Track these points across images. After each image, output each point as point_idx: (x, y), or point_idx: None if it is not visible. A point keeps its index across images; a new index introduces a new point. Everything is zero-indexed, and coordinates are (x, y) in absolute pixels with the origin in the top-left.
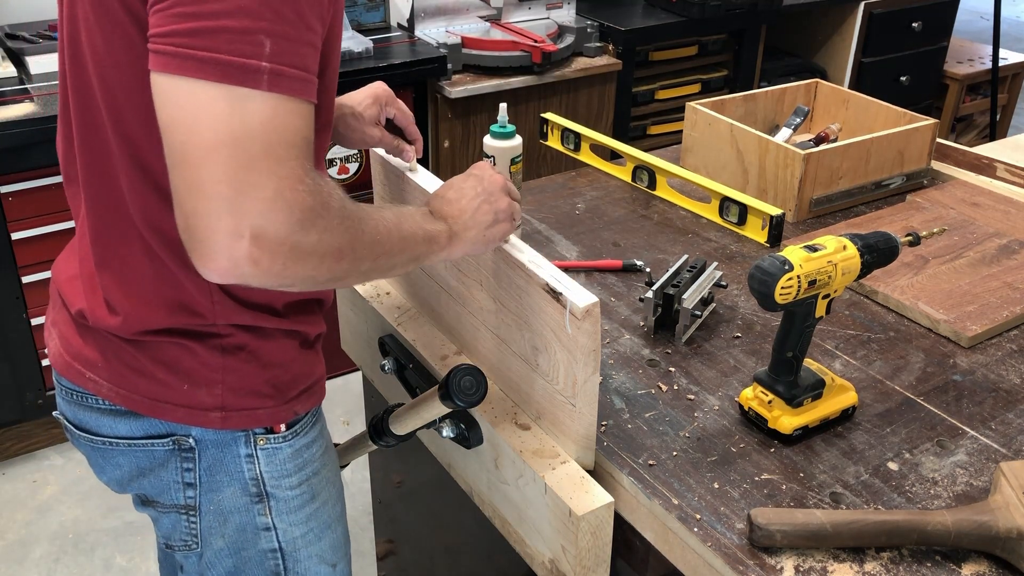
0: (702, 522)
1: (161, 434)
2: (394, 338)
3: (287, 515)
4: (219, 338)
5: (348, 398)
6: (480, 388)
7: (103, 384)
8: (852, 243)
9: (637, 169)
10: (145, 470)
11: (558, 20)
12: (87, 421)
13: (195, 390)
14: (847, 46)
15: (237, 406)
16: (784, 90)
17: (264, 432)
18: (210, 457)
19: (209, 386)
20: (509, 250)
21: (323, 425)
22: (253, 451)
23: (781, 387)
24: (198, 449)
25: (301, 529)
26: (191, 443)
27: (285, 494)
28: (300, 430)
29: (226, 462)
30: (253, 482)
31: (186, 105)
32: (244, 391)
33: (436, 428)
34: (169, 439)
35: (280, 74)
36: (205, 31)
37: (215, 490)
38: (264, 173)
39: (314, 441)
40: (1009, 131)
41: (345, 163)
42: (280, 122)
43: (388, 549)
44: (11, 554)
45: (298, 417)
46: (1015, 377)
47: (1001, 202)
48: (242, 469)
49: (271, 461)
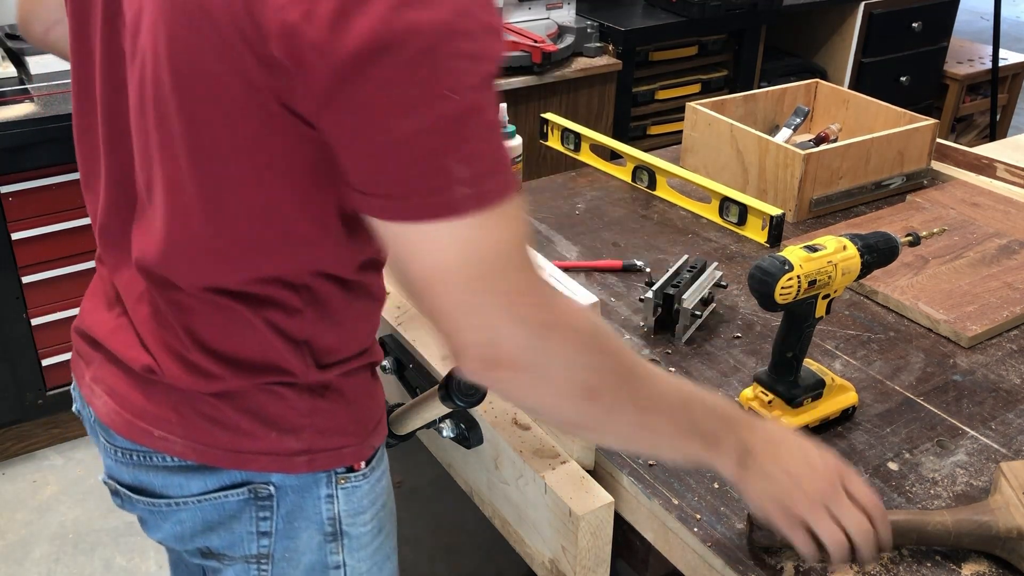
0: (702, 522)
1: (236, 483)
2: (394, 338)
3: (357, 551)
4: (308, 379)
5: None
6: (480, 388)
7: (177, 441)
8: (852, 243)
9: (637, 169)
10: (214, 524)
11: (558, 20)
12: (152, 483)
13: (283, 437)
14: (847, 46)
15: (323, 447)
16: (784, 90)
17: (345, 471)
18: (289, 503)
19: (297, 431)
20: None
21: (385, 452)
22: (334, 491)
23: (781, 387)
24: (277, 496)
25: (367, 564)
26: (270, 490)
27: (358, 531)
28: (376, 464)
29: (305, 506)
30: (330, 522)
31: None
32: (331, 431)
33: (436, 428)
34: (244, 488)
35: (510, 185)
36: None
37: (291, 536)
38: (499, 295)
39: (384, 473)
40: (1009, 131)
41: None
42: (511, 232)
43: None
44: (11, 554)
45: (375, 451)
46: (1015, 377)
47: (1001, 202)
48: (320, 511)
49: (350, 499)
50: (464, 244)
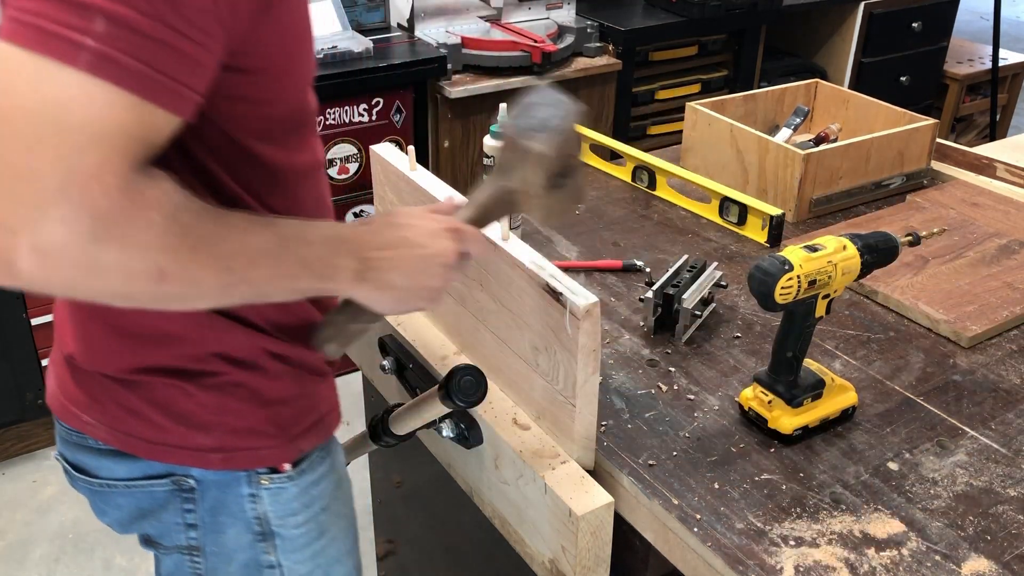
0: (702, 522)
1: (160, 474)
2: (394, 338)
3: (293, 553)
4: (214, 376)
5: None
6: (480, 388)
7: (100, 427)
8: (852, 243)
9: (637, 169)
10: (146, 511)
11: (558, 20)
12: (85, 463)
13: (192, 432)
14: (847, 46)
15: (237, 447)
16: (784, 90)
17: (268, 472)
18: (212, 498)
19: (207, 428)
20: (509, 250)
21: (335, 459)
22: (256, 491)
23: (781, 387)
24: (199, 489)
25: (307, 566)
26: (191, 483)
27: (291, 532)
28: (308, 468)
29: (228, 503)
30: (257, 521)
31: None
32: (244, 431)
33: (436, 428)
34: (168, 479)
35: (106, 58)
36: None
37: (218, 531)
38: (51, 160)
39: (324, 477)
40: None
41: (345, 163)
42: (91, 110)
43: (388, 549)
44: (11, 554)
45: (305, 454)
46: (1015, 377)
47: (1001, 202)
48: (244, 509)
49: (276, 500)
50: (60, 96)
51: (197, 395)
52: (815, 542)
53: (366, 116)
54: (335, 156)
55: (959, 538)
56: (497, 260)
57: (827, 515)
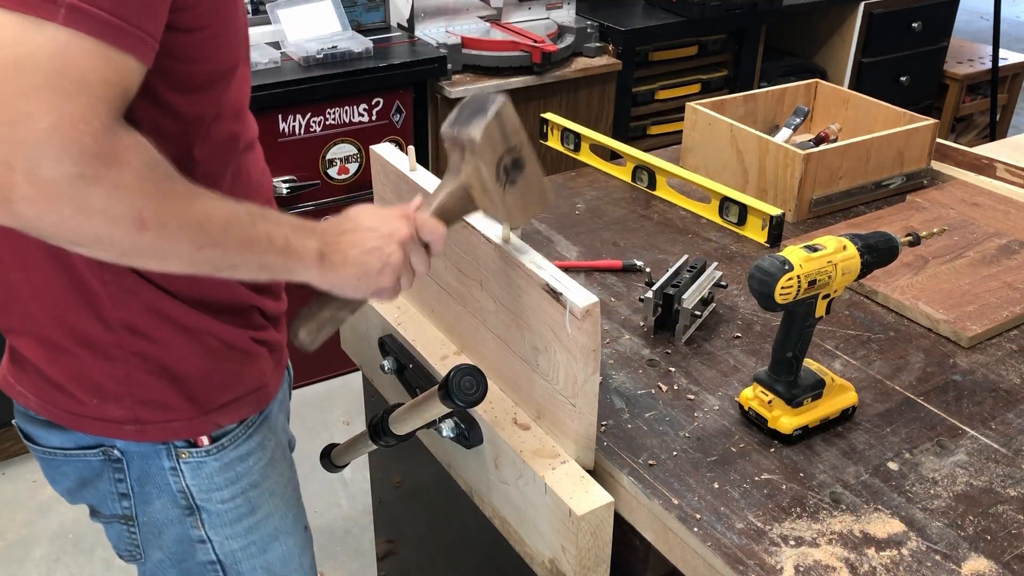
0: (702, 522)
1: (91, 445)
2: (394, 338)
3: (222, 528)
4: (120, 348)
5: (348, 398)
6: (480, 388)
7: (31, 398)
8: (852, 243)
9: (637, 169)
10: (87, 481)
11: (558, 20)
12: (29, 431)
13: (105, 404)
14: (847, 46)
15: (150, 419)
16: (784, 90)
17: (186, 445)
18: (137, 468)
19: (118, 399)
20: (509, 250)
21: (266, 435)
22: (176, 464)
23: (781, 387)
24: (125, 460)
25: (240, 542)
26: (118, 454)
27: (216, 507)
28: (229, 443)
29: (152, 474)
30: (181, 495)
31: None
32: (155, 404)
33: (436, 428)
34: (98, 450)
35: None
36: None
37: (147, 501)
38: (44, 103)
39: (250, 453)
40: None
41: (345, 163)
42: (71, 56)
43: (388, 549)
44: (11, 554)
45: (226, 429)
46: (1015, 377)
47: (1001, 202)
48: (168, 482)
49: (196, 475)
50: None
51: (105, 367)
52: (815, 542)
53: (366, 116)
54: (335, 156)
55: (959, 538)
56: (497, 260)
57: (827, 515)
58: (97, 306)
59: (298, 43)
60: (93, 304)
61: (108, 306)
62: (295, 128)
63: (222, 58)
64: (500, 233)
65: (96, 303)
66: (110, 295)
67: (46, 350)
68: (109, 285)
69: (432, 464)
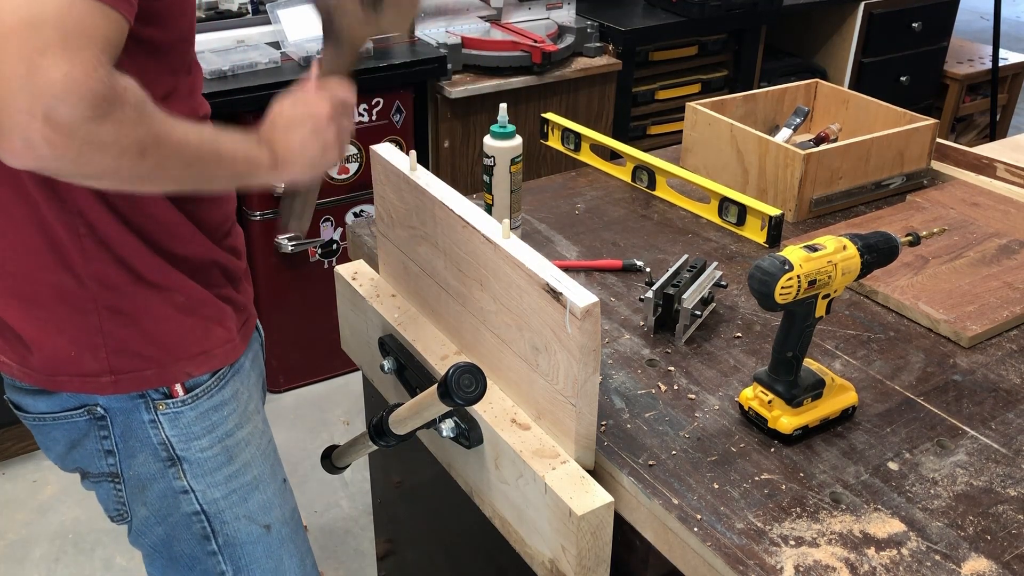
0: (702, 522)
1: (75, 406)
2: (394, 338)
3: (203, 477)
4: (94, 302)
5: (348, 398)
6: (479, 385)
7: (13, 366)
8: (852, 243)
9: (637, 169)
10: (75, 442)
11: (558, 20)
12: (17, 400)
13: (81, 356)
14: (847, 46)
15: (123, 368)
16: (784, 90)
17: (162, 397)
18: (120, 424)
19: (93, 350)
20: (509, 250)
21: (239, 387)
22: (155, 416)
23: (781, 387)
24: (109, 416)
25: (222, 491)
26: (101, 411)
27: (197, 456)
28: (203, 393)
29: (135, 428)
30: (162, 447)
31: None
32: (128, 353)
33: (436, 428)
34: (83, 409)
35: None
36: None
37: (131, 455)
38: (58, 57)
39: (224, 403)
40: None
41: (345, 163)
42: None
43: (388, 549)
44: (11, 554)
45: (198, 380)
46: (1015, 377)
47: (1001, 202)
48: (149, 435)
49: (175, 424)
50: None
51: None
52: (815, 542)
53: (366, 116)
54: None
55: (959, 538)
56: (497, 260)
57: (827, 515)
58: (71, 263)
59: (298, 43)
60: (67, 261)
61: (80, 262)
62: None
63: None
64: (500, 232)
65: (70, 260)
66: (82, 250)
67: (24, 309)
68: (84, 239)
69: (432, 464)
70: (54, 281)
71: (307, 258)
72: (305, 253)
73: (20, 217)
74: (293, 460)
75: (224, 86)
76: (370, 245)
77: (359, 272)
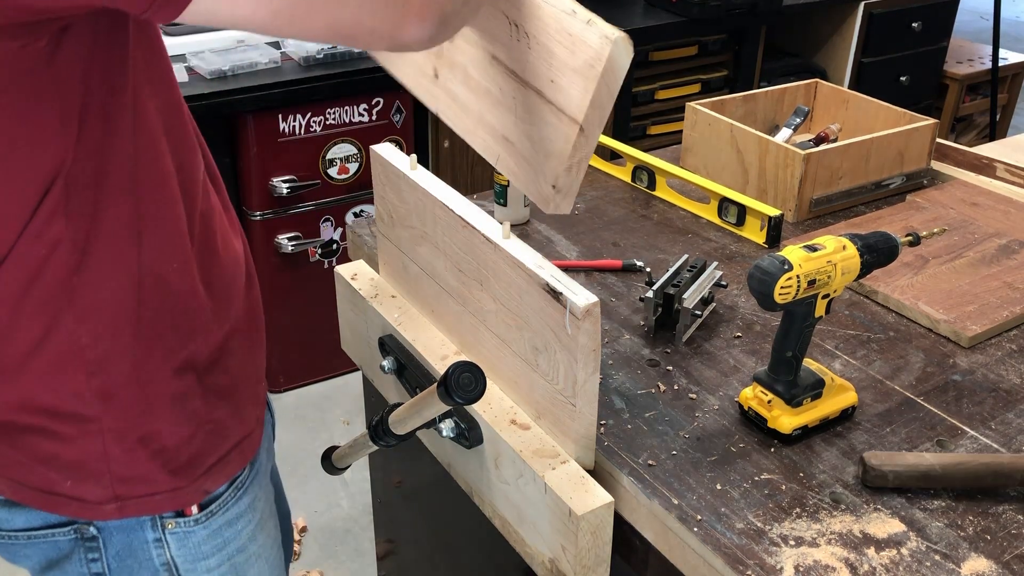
0: (702, 522)
1: (61, 523)
2: (394, 338)
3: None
4: (92, 421)
5: (348, 398)
6: (479, 384)
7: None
8: (852, 243)
9: (637, 169)
10: (54, 562)
11: None
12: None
13: (81, 484)
14: (847, 46)
15: (132, 494)
16: (784, 90)
17: (173, 516)
18: (117, 543)
19: (96, 477)
20: (509, 250)
21: (255, 493)
22: (161, 535)
23: (781, 387)
24: (102, 537)
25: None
26: (93, 532)
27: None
28: (218, 509)
29: (135, 547)
30: (164, 568)
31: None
32: (136, 479)
33: (436, 428)
34: (70, 528)
35: None
36: None
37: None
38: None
39: (239, 517)
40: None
41: (345, 163)
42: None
43: (388, 549)
44: None
45: (215, 494)
46: (1015, 377)
47: (1001, 202)
48: (151, 556)
49: (183, 545)
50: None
51: (78, 443)
52: (815, 542)
53: (366, 116)
54: (335, 156)
55: (959, 538)
56: (497, 260)
57: (827, 515)
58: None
59: (298, 43)
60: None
61: (84, 375)
62: (295, 128)
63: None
64: (500, 233)
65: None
66: (88, 361)
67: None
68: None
69: (432, 464)
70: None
71: (307, 258)
72: (305, 253)
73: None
74: (293, 460)
75: (224, 86)
76: (370, 245)
77: (359, 272)
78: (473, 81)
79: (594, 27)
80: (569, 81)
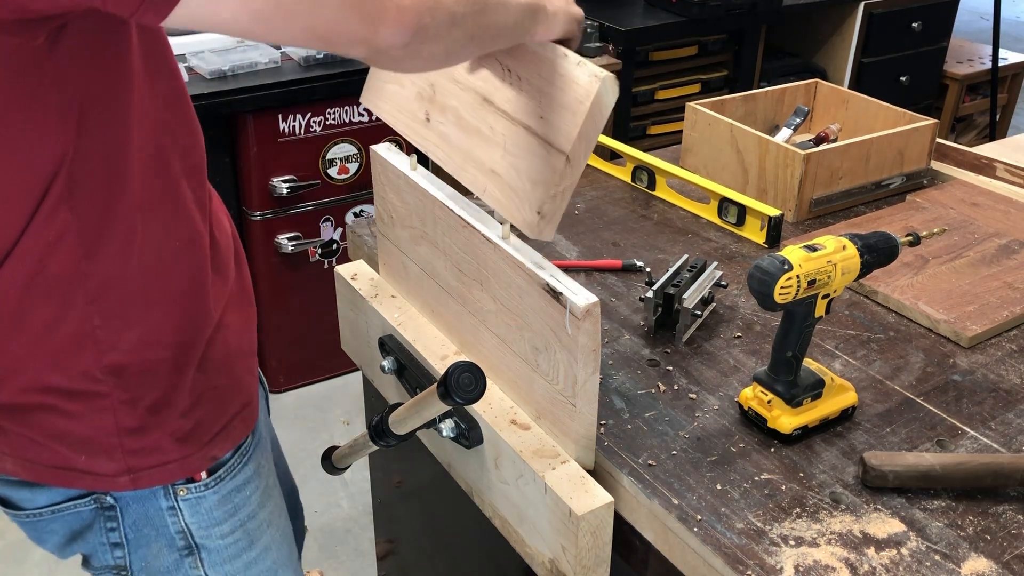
0: (702, 522)
1: (82, 495)
2: (394, 338)
3: (222, 565)
4: (102, 397)
5: (348, 398)
6: (479, 384)
7: (8, 459)
8: (852, 243)
9: (637, 169)
10: (77, 533)
11: None
12: (10, 496)
13: (94, 459)
14: (847, 46)
15: (143, 466)
16: (784, 90)
17: (184, 482)
18: (133, 513)
19: (109, 452)
20: (509, 250)
21: (259, 461)
22: (175, 503)
23: (781, 387)
24: (119, 507)
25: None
26: (111, 501)
27: (216, 544)
28: (226, 474)
29: (151, 515)
30: (180, 535)
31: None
32: (146, 451)
33: (436, 428)
34: (90, 498)
35: None
36: None
37: (144, 546)
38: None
39: (247, 483)
40: (1009, 131)
41: (345, 163)
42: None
43: (388, 549)
44: (11, 554)
45: (222, 460)
46: (1015, 377)
47: (1001, 202)
48: (166, 523)
49: (195, 511)
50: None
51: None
52: (815, 542)
53: (366, 116)
54: (335, 156)
55: (959, 538)
56: (497, 260)
57: (827, 515)
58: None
59: None
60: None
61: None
62: (295, 128)
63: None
64: (500, 233)
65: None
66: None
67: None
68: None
69: (432, 464)
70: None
71: (307, 258)
72: (305, 253)
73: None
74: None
75: (224, 86)
76: (370, 245)
77: (359, 272)
78: (464, 122)
79: (584, 67)
80: (559, 116)
